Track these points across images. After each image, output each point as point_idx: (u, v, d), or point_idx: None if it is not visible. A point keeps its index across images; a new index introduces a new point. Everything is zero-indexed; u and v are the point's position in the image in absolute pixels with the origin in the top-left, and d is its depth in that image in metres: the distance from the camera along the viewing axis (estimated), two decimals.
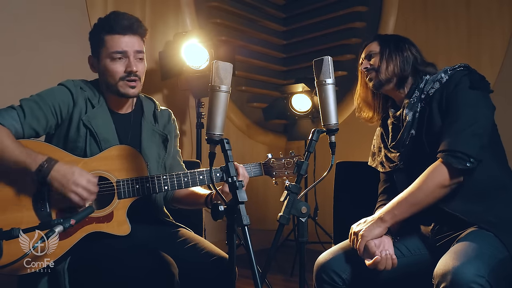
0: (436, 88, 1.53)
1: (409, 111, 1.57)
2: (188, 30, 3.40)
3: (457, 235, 1.43)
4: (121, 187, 1.54)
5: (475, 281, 1.17)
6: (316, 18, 4.27)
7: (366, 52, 1.69)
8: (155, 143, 1.74)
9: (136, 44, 1.63)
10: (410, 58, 1.62)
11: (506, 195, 1.46)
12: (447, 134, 1.44)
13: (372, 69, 1.65)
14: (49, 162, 1.44)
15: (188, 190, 1.77)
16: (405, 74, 1.61)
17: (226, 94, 1.20)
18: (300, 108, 3.63)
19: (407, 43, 1.66)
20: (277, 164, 1.71)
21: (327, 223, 3.36)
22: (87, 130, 1.60)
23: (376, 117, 1.76)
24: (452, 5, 3.43)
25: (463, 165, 1.37)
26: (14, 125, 1.50)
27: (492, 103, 1.50)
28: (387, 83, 1.63)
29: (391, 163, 1.64)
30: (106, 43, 1.61)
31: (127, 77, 1.61)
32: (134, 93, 1.65)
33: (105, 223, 1.52)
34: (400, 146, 1.59)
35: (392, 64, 1.61)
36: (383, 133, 1.73)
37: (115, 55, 1.60)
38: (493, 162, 1.48)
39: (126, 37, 1.61)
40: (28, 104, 1.54)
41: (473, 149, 1.38)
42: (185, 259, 1.54)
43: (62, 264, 1.46)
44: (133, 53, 1.62)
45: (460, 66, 1.52)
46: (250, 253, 1.13)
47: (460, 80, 1.48)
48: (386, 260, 1.41)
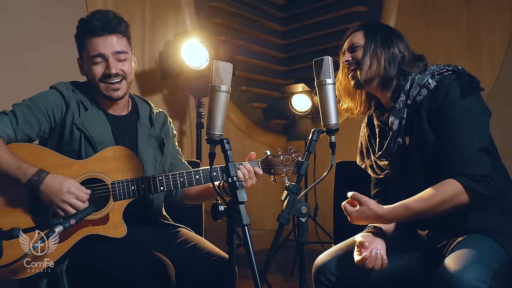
0: (423, 95, 1.44)
1: (395, 119, 1.49)
2: (188, 30, 3.40)
3: (453, 240, 1.41)
4: (116, 189, 1.54)
5: (477, 285, 1.15)
6: (316, 18, 4.27)
7: (349, 43, 1.57)
8: (152, 147, 1.73)
9: (114, 45, 1.59)
10: (397, 57, 1.50)
11: (502, 201, 1.42)
12: (452, 155, 1.37)
13: (354, 63, 1.54)
14: (39, 175, 1.42)
15: (200, 187, 1.72)
16: (389, 75, 1.50)
17: (226, 94, 1.20)
18: (300, 108, 3.63)
19: (395, 38, 1.52)
20: (275, 161, 1.67)
21: (327, 223, 3.35)
22: (81, 134, 1.58)
23: (356, 109, 1.66)
24: (452, 5, 3.42)
25: (485, 189, 1.33)
26: (6, 132, 1.49)
27: (487, 108, 1.44)
28: (369, 83, 1.53)
29: (382, 171, 1.59)
30: (87, 47, 1.59)
31: (107, 79, 1.59)
32: (118, 95, 1.62)
33: (101, 225, 1.51)
34: (387, 155, 1.54)
35: (375, 63, 1.50)
36: (370, 135, 1.66)
37: (94, 59, 1.58)
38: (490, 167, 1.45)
39: (103, 38, 1.57)
40: (21, 110, 1.53)
41: (486, 168, 1.34)
42: (185, 259, 1.54)
43: (60, 266, 1.45)
44: (112, 54, 1.58)
45: (448, 70, 1.43)
46: (250, 253, 1.13)
47: (450, 88, 1.39)
48: (375, 259, 1.37)
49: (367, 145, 1.67)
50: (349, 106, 1.66)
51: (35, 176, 1.42)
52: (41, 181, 1.42)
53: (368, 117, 1.69)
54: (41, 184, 1.41)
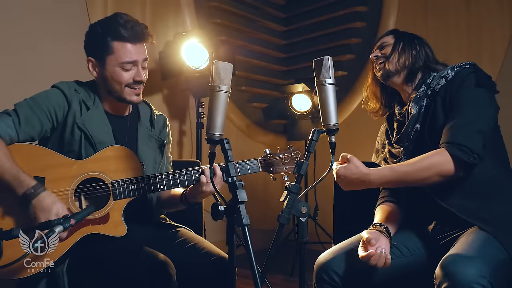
0: (441, 85, 1.53)
1: (414, 105, 1.57)
2: (188, 30, 3.40)
3: (458, 235, 1.43)
4: (116, 188, 1.54)
5: (476, 281, 1.16)
6: (316, 18, 4.27)
7: (379, 43, 1.70)
8: (151, 148, 1.73)
9: (144, 52, 1.62)
10: (423, 55, 1.62)
11: (504, 195, 1.46)
12: (450, 128, 1.44)
13: (382, 57, 1.65)
14: (36, 190, 1.42)
15: (169, 193, 1.74)
16: (415, 67, 1.61)
17: (226, 94, 1.20)
18: (300, 108, 3.63)
19: (421, 41, 1.66)
20: (275, 160, 1.68)
21: (327, 223, 3.36)
22: (82, 133, 1.58)
23: (381, 110, 1.76)
24: (452, 5, 3.43)
25: (468, 158, 1.38)
26: (9, 133, 1.49)
27: (496, 103, 1.50)
28: (396, 75, 1.63)
29: (394, 159, 1.64)
30: (116, 51, 1.57)
31: (134, 84, 1.61)
32: (138, 100, 1.65)
33: (101, 224, 1.51)
34: (404, 140, 1.59)
35: (404, 56, 1.61)
36: (388, 129, 1.74)
37: (126, 65, 1.58)
38: (494, 162, 1.48)
39: (137, 46, 1.59)
40: (23, 110, 1.52)
41: (477, 145, 1.39)
42: (185, 259, 1.54)
43: (61, 266, 1.45)
44: (142, 61, 1.61)
45: (467, 64, 1.53)
46: (250, 253, 1.13)
47: (466, 78, 1.48)
48: (379, 257, 1.40)
49: (384, 140, 1.74)
50: (375, 107, 1.75)
51: (32, 189, 1.41)
52: (35, 195, 1.41)
53: (388, 115, 1.77)
54: (34, 198, 1.41)
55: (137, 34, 1.58)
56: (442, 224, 1.52)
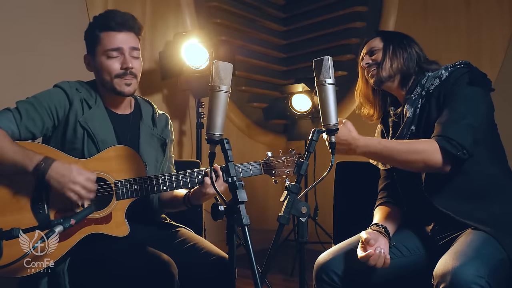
0: (436, 85, 1.53)
1: (409, 107, 1.57)
2: (188, 30, 3.40)
3: (457, 235, 1.43)
4: (119, 188, 1.54)
5: (475, 281, 1.16)
6: (316, 18, 4.27)
7: (367, 48, 1.67)
8: (153, 147, 1.73)
9: (131, 41, 1.62)
10: (414, 56, 1.61)
11: (503, 196, 1.45)
12: (441, 122, 1.44)
13: (374, 64, 1.64)
14: (46, 162, 1.43)
15: (172, 194, 1.75)
16: (409, 71, 1.60)
17: (226, 94, 1.20)
18: (300, 108, 3.63)
19: (410, 41, 1.64)
20: (277, 163, 1.68)
21: (327, 223, 3.36)
22: (85, 132, 1.58)
23: (376, 114, 1.75)
24: (452, 5, 3.43)
25: (456, 152, 1.38)
26: (10, 127, 1.50)
27: (491, 101, 1.50)
28: (389, 80, 1.62)
29: None
30: (102, 40, 1.60)
31: (123, 74, 1.61)
32: (129, 91, 1.64)
33: (103, 224, 1.52)
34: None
35: (396, 61, 1.60)
36: (383, 130, 1.73)
37: (110, 52, 1.59)
38: (492, 160, 1.48)
39: (122, 34, 1.61)
40: (24, 106, 1.54)
41: (466, 140, 1.39)
42: (184, 259, 1.53)
43: (62, 265, 1.45)
44: (128, 49, 1.61)
45: (461, 63, 1.52)
46: (250, 253, 1.13)
47: (459, 77, 1.48)
48: (378, 257, 1.40)
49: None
50: (370, 113, 1.74)
51: (43, 162, 1.43)
52: (48, 167, 1.42)
53: (383, 116, 1.75)
54: (49, 169, 1.42)
55: (122, 22, 1.60)
56: (440, 225, 1.52)
